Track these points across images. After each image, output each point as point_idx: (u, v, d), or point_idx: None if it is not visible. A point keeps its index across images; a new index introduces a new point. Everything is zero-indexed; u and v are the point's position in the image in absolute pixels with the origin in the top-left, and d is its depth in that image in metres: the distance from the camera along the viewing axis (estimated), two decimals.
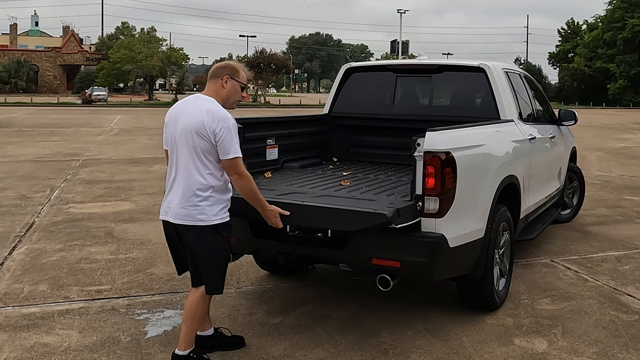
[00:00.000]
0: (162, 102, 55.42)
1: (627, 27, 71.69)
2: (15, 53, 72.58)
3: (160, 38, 63.82)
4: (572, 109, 6.77)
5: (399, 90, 5.89)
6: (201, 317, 3.54)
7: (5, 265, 5.54)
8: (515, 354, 3.83)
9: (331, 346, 3.88)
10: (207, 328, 3.78)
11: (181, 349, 3.48)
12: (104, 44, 74.84)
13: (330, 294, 4.85)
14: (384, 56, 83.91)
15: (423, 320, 4.31)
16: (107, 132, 21.44)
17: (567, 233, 7.04)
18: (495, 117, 5.16)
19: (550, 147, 6.26)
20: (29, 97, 53.27)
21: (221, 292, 3.56)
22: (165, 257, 5.84)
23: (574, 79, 75.95)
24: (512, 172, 4.68)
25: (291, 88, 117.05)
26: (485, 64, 5.31)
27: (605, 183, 11.12)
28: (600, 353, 3.87)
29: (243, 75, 3.53)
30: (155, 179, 10.80)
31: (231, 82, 3.47)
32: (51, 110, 37.16)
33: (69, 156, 13.96)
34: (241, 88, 3.52)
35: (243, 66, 3.56)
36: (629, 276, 5.45)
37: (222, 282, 3.52)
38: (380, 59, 63.07)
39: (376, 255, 3.74)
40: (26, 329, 4.10)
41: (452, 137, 3.92)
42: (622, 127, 30.35)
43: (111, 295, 4.78)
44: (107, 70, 63.62)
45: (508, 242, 4.66)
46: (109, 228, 6.99)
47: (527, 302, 4.72)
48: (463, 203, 3.86)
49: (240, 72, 3.52)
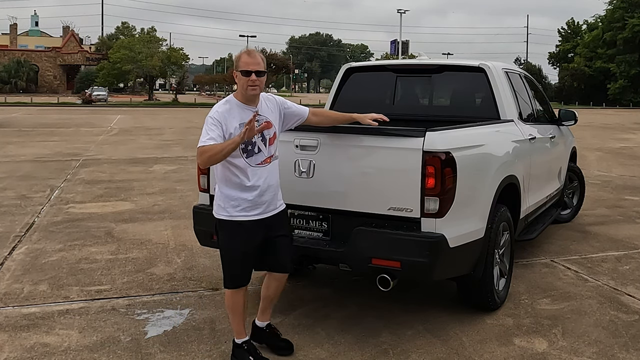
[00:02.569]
0: (162, 102, 55.50)
1: (627, 27, 71.75)
2: (15, 53, 72.65)
3: (160, 38, 63.93)
4: (572, 109, 6.76)
5: (399, 90, 5.88)
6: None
7: (5, 265, 5.54)
8: (515, 354, 3.83)
9: (331, 346, 3.88)
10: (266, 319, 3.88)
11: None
12: (104, 44, 74.89)
13: (330, 294, 4.85)
14: (384, 56, 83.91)
15: (423, 320, 4.31)
16: (107, 132, 21.44)
17: (567, 233, 7.04)
18: (495, 117, 5.16)
19: (550, 147, 6.26)
20: (29, 97, 53.31)
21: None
22: (165, 257, 5.85)
23: (574, 79, 76.00)
24: (512, 172, 4.68)
25: (291, 88, 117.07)
26: (485, 64, 5.31)
27: (605, 183, 11.12)
28: (600, 353, 3.86)
29: (243, 60, 3.45)
30: (155, 179, 10.80)
31: (236, 74, 3.49)
32: (51, 110, 37.17)
33: (69, 156, 13.97)
34: (244, 73, 3.43)
35: (246, 50, 3.50)
36: (629, 276, 5.45)
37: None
38: (380, 59, 63.06)
39: (376, 255, 3.74)
40: (26, 329, 4.10)
41: (452, 137, 3.92)
42: (622, 127, 30.36)
43: (111, 295, 4.78)
44: (107, 70, 63.68)
45: (508, 242, 4.66)
46: (109, 228, 6.99)
47: (527, 302, 4.72)
48: (463, 203, 3.85)
49: (240, 59, 3.47)
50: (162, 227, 7.04)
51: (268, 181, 3.50)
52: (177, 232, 6.80)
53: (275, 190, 3.58)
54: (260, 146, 3.49)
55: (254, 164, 3.46)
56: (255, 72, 3.42)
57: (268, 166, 3.51)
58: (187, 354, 3.76)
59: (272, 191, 3.54)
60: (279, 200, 3.65)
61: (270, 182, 3.52)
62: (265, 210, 3.52)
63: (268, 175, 3.51)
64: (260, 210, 3.50)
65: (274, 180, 3.57)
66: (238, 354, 3.64)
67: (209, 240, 4.39)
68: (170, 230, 6.92)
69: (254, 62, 3.43)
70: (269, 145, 3.53)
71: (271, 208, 3.56)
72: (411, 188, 3.70)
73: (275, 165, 3.59)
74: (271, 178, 3.54)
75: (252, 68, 3.42)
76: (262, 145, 3.49)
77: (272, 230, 3.57)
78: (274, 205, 3.58)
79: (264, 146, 3.50)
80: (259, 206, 3.49)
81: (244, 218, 3.47)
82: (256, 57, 3.46)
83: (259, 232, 3.52)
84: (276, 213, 3.59)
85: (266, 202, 3.51)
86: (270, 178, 3.53)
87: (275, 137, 3.59)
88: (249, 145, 3.44)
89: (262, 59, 3.48)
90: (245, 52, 3.49)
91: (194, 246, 5.93)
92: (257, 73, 3.42)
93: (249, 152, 3.45)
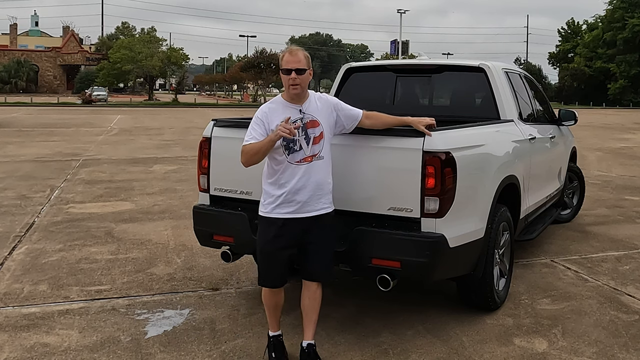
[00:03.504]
0: (162, 102, 55.49)
1: (627, 27, 71.76)
2: (15, 53, 72.68)
3: (160, 38, 63.95)
4: (572, 109, 6.76)
5: (399, 90, 5.89)
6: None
7: (5, 265, 5.53)
8: (515, 354, 3.83)
9: (331, 346, 3.88)
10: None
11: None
12: (104, 44, 74.90)
13: (330, 294, 4.84)
14: (384, 56, 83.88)
15: (423, 320, 4.31)
16: (107, 132, 21.44)
17: (567, 233, 7.04)
18: (495, 117, 5.16)
19: (550, 147, 6.26)
20: (29, 97, 53.30)
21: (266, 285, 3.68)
22: (165, 257, 5.85)
23: (574, 79, 76.01)
24: (512, 172, 4.68)
25: None
26: (485, 64, 5.31)
27: (605, 183, 11.12)
28: (600, 353, 3.86)
29: (284, 59, 3.47)
30: (155, 179, 10.80)
31: (280, 73, 3.52)
32: (51, 110, 37.16)
33: (69, 156, 13.97)
34: (285, 71, 3.45)
35: (288, 49, 3.51)
36: (629, 276, 5.45)
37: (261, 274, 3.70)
38: (380, 59, 63.07)
39: (376, 255, 3.74)
40: (26, 329, 4.10)
41: (452, 137, 3.92)
42: (622, 127, 30.36)
43: (111, 295, 4.78)
44: (107, 70, 63.70)
45: (508, 242, 4.66)
46: (109, 228, 6.99)
47: (527, 302, 4.72)
48: (463, 203, 3.85)
49: (282, 58, 3.49)
50: (162, 227, 7.04)
51: (304, 180, 3.44)
52: (177, 232, 6.81)
53: (314, 191, 3.46)
54: (302, 144, 3.46)
55: (294, 162, 3.44)
56: (296, 70, 3.42)
57: (307, 165, 3.45)
58: (187, 354, 3.76)
59: (309, 191, 3.44)
60: (322, 203, 3.51)
61: (307, 181, 3.44)
62: (300, 210, 3.44)
63: (305, 174, 3.44)
64: (293, 208, 3.44)
65: (313, 180, 3.46)
66: (268, 345, 3.73)
67: (209, 240, 4.40)
68: (170, 230, 6.92)
69: (294, 60, 3.44)
70: (313, 145, 3.48)
71: (308, 209, 3.46)
72: (411, 188, 3.70)
73: (319, 165, 3.48)
74: (310, 177, 3.45)
75: (292, 66, 3.43)
76: (305, 144, 3.46)
77: (308, 235, 3.49)
78: (313, 207, 3.47)
79: (306, 145, 3.46)
80: (291, 204, 3.44)
81: (277, 215, 3.45)
82: (297, 55, 3.46)
83: (292, 233, 3.46)
84: (315, 216, 3.48)
85: (301, 202, 3.44)
86: (309, 177, 3.44)
87: (321, 137, 3.51)
88: (291, 142, 3.43)
89: (304, 57, 3.48)
90: (287, 51, 3.50)
91: (194, 246, 5.93)
92: (298, 71, 3.43)
93: (291, 149, 3.45)
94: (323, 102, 3.62)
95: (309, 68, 3.49)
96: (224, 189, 4.35)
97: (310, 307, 3.63)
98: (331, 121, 3.62)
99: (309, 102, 3.54)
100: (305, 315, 3.65)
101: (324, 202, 3.52)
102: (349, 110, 3.74)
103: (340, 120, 3.69)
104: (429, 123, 3.77)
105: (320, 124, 3.53)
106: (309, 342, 3.63)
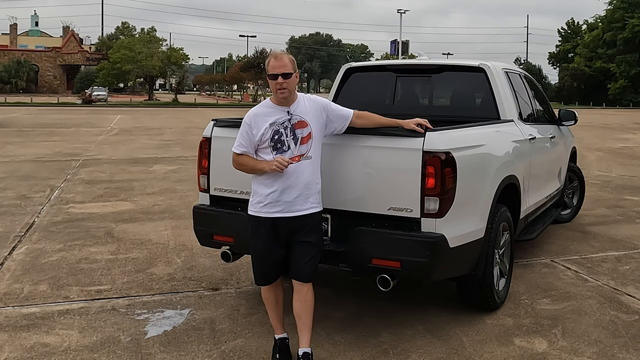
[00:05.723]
0: (162, 102, 55.49)
1: (627, 27, 71.74)
2: (15, 53, 72.70)
3: (160, 38, 63.99)
4: (572, 109, 6.76)
5: (399, 90, 5.88)
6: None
7: (5, 265, 5.54)
8: (515, 354, 3.83)
9: (331, 346, 3.88)
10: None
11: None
12: (104, 44, 74.94)
13: (330, 294, 4.85)
14: (384, 56, 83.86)
15: (423, 320, 4.31)
16: (107, 132, 21.44)
17: (567, 233, 7.04)
18: (495, 117, 5.16)
19: (550, 147, 6.26)
20: (29, 97, 53.33)
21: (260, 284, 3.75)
22: (165, 257, 5.85)
23: (574, 79, 75.99)
24: (512, 172, 4.68)
25: None
26: (485, 64, 5.31)
27: (605, 183, 11.12)
28: (600, 353, 3.86)
29: (270, 65, 3.50)
30: (155, 179, 10.80)
31: (268, 78, 3.55)
32: (51, 110, 37.17)
33: (69, 156, 13.97)
34: (272, 77, 3.48)
35: (273, 54, 3.54)
36: (629, 276, 5.45)
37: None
38: (380, 59, 63.06)
39: (376, 255, 3.74)
40: (26, 329, 4.10)
41: (452, 137, 3.92)
42: (622, 127, 30.36)
43: (111, 295, 4.78)
44: (107, 70, 63.71)
45: (508, 242, 4.66)
46: (109, 228, 6.99)
47: (527, 302, 4.72)
48: (463, 203, 3.85)
49: (268, 64, 3.52)
50: (162, 227, 7.04)
51: (292, 179, 3.45)
52: (177, 232, 6.81)
53: (302, 191, 3.47)
54: (290, 144, 3.48)
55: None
56: (282, 74, 3.45)
57: (295, 165, 3.46)
58: (187, 354, 3.76)
59: (297, 190, 3.46)
60: (310, 203, 3.52)
61: (295, 181, 3.45)
62: (287, 210, 3.46)
63: (293, 174, 3.45)
64: (280, 208, 3.46)
65: (301, 180, 3.47)
66: (273, 347, 3.73)
67: (209, 240, 4.40)
68: (170, 230, 6.92)
69: (280, 64, 3.46)
70: (301, 145, 3.49)
71: (296, 208, 3.47)
72: (411, 188, 3.70)
73: (307, 165, 3.50)
74: (298, 177, 3.46)
75: (278, 71, 3.45)
76: (292, 144, 3.48)
77: (296, 235, 3.51)
78: (300, 207, 3.48)
79: (294, 145, 3.48)
80: (279, 203, 3.46)
81: (265, 215, 3.48)
82: (282, 60, 3.47)
83: (279, 232, 3.49)
84: (301, 215, 3.48)
85: (288, 202, 3.46)
86: (297, 177, 3.46)
87: (309, 137, 3.52)
88: (279, 142, 3.46)
89: (290, 61, 3.50)
90: (272, 56, 3.52)
91: (194, 246, 5.94)
92: (284, 75, 3.45)
93: (278, 149, 3.47)
94: (312, 103, 3.64)
95: (295, 71, 3.51)
96: (224, 189, 4.35)
97: (302, 311, 3.57)
98: (321, 122, 3.64)
99: (297, 103, 3.57)
100: (299, 320, 3.59)
101: (312, 202, 3.53)
102: (339, 111, 3.76)
103: (330, 121, 3.71)
104: (419, 122, 3.80)
105: (309, 124, 3.54)
106: (305, 351, 3.55)
